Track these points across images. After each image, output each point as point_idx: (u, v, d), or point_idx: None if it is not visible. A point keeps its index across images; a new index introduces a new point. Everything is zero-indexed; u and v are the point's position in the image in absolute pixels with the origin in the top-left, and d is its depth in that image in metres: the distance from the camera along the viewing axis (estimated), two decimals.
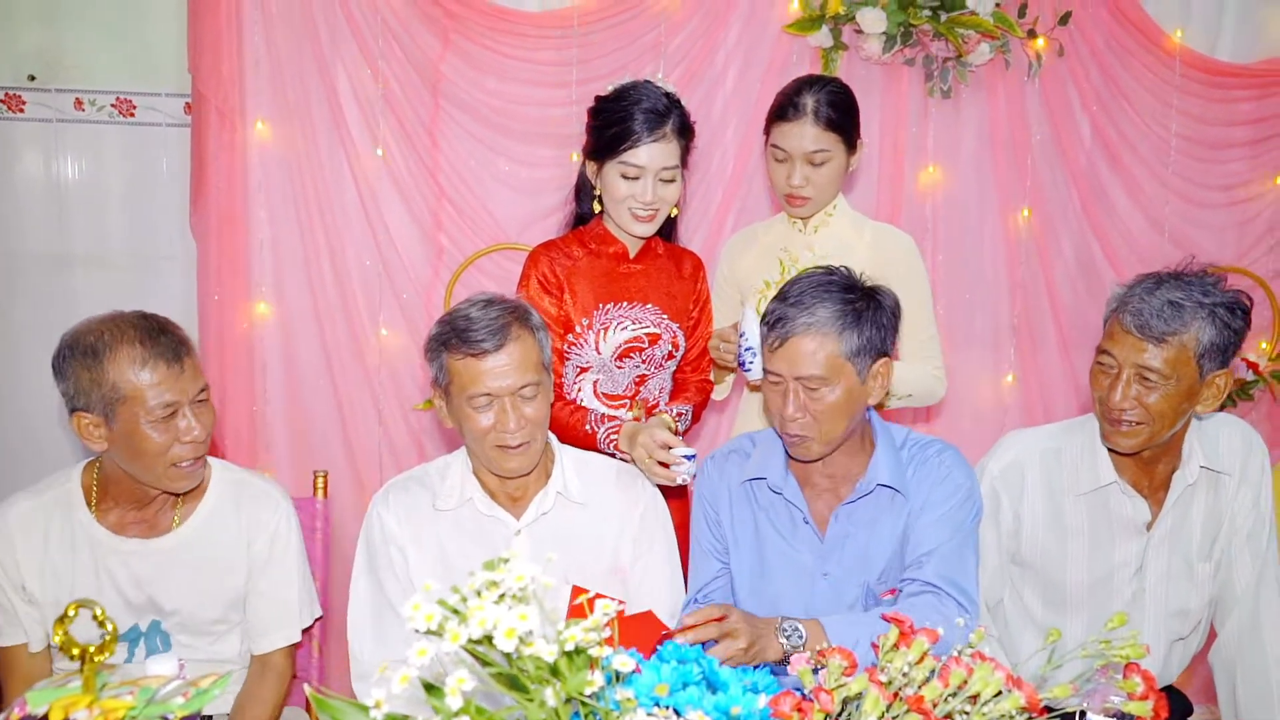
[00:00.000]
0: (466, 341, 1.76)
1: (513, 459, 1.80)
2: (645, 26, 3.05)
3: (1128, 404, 1.75)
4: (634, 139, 2.15)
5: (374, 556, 1.87)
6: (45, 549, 1.78)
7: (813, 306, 1.74)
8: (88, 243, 3.18)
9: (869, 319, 1.75)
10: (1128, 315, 1.74)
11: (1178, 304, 1.71)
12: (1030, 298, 3.30)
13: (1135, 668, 1.23)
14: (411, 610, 0.90)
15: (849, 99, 2.31)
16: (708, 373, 2.45)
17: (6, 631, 1.80)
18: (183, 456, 1.72)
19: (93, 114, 3.12)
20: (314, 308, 3.04)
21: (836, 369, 1.73)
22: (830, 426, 1.76)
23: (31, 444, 3.18)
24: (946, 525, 1.81)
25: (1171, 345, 1.71)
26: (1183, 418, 1.79)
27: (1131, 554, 1.91)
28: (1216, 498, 1.91)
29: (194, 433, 1.72)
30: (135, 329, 1.69)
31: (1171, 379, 1.72)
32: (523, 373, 1.77)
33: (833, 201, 2.37)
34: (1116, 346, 1.77)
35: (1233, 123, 3.28)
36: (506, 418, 1.76)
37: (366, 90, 2.98)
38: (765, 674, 1.10)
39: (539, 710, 0.92)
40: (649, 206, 2.20)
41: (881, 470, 1.82)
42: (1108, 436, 1.83)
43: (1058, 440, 1.96)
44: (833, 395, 1.74)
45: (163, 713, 1.06)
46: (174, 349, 1.70)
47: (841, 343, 1.73)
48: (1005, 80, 3.15)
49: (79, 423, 1.70)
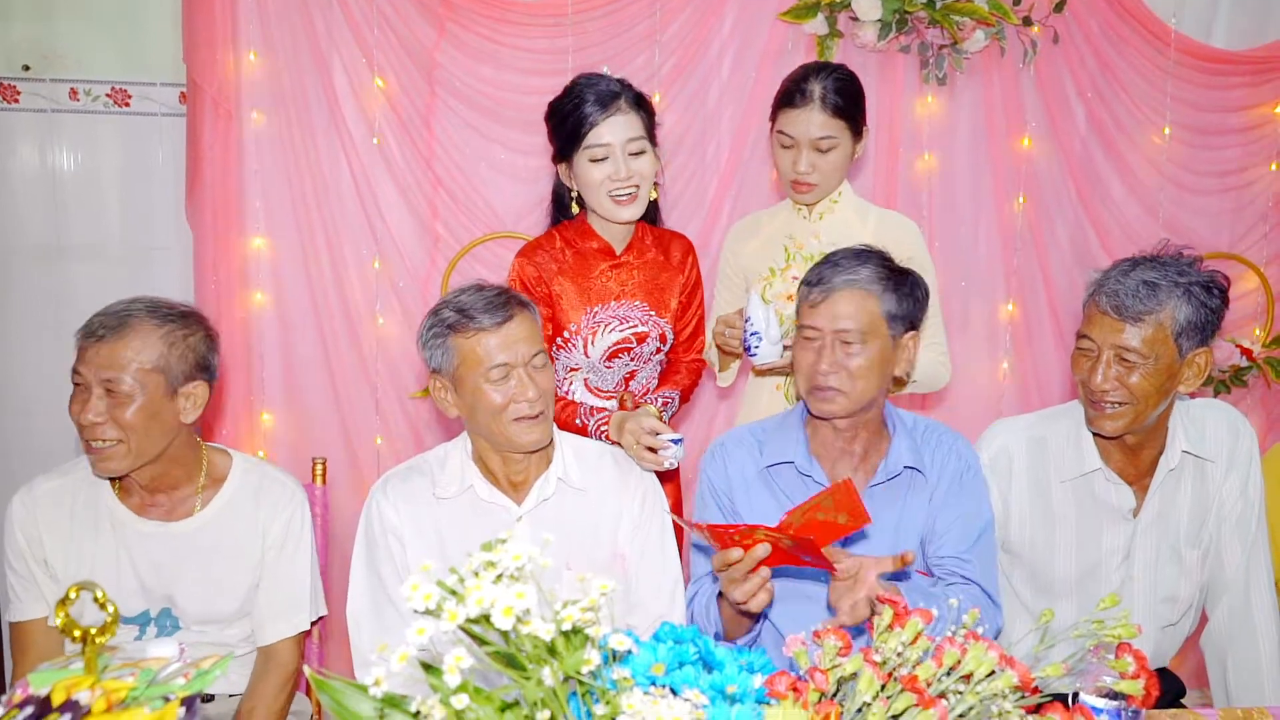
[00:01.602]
0: (473, 319, 1.79)
1: (532, 430, 1.81)
2: (640, 14, 3.04)
3: (1109, 385, 1.77)
4: (590, 121, 2.18)
5: (373, 548, 1.87)
6: (70, 527, 1.83)
7: (855, 267, 1.81)
8: (83, 233, 3.17)
9: (905, 288, 1.83)
10: (1104, 297, 1.77)
11: (1153, 284, 1.73)
12: (1025, 285, 3.30)
13: (1127, 647, 1.24)
14: (410, 590, 0.91)
15: (856, 86, 2.32)
16: (699, 352, 2.46)
17: (26, 605, 1.84)
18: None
19: (88, 104, 3.12)
20: (310, 297, 3.04)
21: (874, 327, 1.80)
22: (863, 385, 1.80)
23: (28, 433, 3.19)
24: (976, 523, 1.86)
25: (1148, 324, 1.73)
26: (1166, 398, 1.80)
27: (1119, 542, 1.92)
28: (1203, 484, 1.91)
29: (86, 417, 1.74)
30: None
31: (1150, 358, 1.74)
32: (531, 343, 1.82)
33: (838, 188, 2.38)
34: (1094, 329, 1.79)
35: (1227, 109, 3.28)
36: (525, 386, 1.79)
37: (362, 79, 2.98)
38: (760, 654, 1.11)
39: (536, 689, 0.93)
40: (626, 184, 2.20)
41: (905, 453, 1.86)
42: (1093, 421, 1.84)
43: (1043, 427, 1.97)
44: (867, 353, 1.79)
45: (164, 693, 1.07)
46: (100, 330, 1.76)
47: (882, 302, 1.80)
48: (1000, 68, 3.15)
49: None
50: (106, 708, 1.04)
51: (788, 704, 1.08)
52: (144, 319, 1.78)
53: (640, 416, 2.05)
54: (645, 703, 0.96)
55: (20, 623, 1.85)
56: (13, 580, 1.85)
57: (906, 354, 1.86)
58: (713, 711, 1.00)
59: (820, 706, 1.09)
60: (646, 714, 0.95)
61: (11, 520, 1.83)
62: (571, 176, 2.26)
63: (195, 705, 1.12)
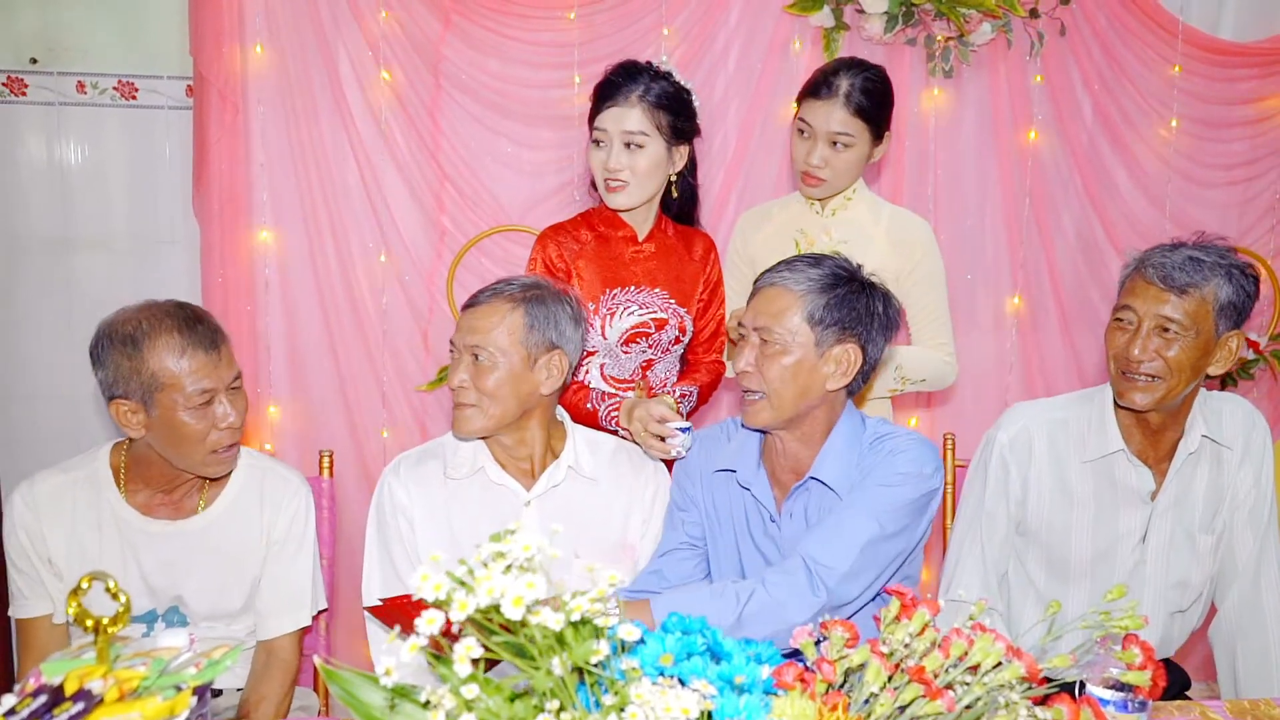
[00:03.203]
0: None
1: (458, 419, 1.86)
2: (646, 7, 3.04)
3: (1147, 356, 1.79)
4: (597, 105, 2.21)
5: (383, 528, 1.89)
6: (73, 525, 1.82)
7: (796, 267, 1.78)
8: (91, 226, 3.18)
9: (847, 297, 1.75)
10: (1150, 269, 1.80)
11: (1198, 260, 1.78)
12: (1032, 277, 3.30)
13: (1134, 639, 1.24)
14: (420, 581, 0.91)
15: (884, 89, 2.31)
16: (720, 353, 2.46)
17: (31, 602, 1.83)
18: (220, 442, 1.77)
19: (95, 97, 3.12)
20: (317, 290, 3.05)
21: (791, 329, 1.74)
22: (779, 388, 1.75)
23: (35, 426, 3.20)
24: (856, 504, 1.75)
25: (1192, 297, 1.77)
26: (1197, 377, 1.82)
27: (1135, 524, 1.92)
28: (1219, 471, 1.93)
29: (230, 419, 1.76)
30: (172, 317, 1.73)
31: (1191, 330, 1.77)
32: (486, 334, 1.83)
33: (851, 186, 2.38)
34: (1138, 300, 1.81)
35: (1234, 101, 3.27)
36: (458, 370, 1.85)
37: (368, 72, 2.99)
38: (768, 645, 1.12)
39: (546, 679, 0.94)
40: (614, 174, 2.20)
41: (824, 466, 1.79)
42: (1123, 394, 1.85)
43: (1066, 410, 1.99)
44: (784, 356, 1.74)
45: (175, 683, 1.08)
46: (210, 337, 1.75)
47: (804, 303, 1.74)
48: (1007, 60, 3.14)
49: (117, 409, 1.73)
50: (119, 697, 1.05)
51: (795, 694, 1.08)
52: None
53: (651, 404, 2.06)
54: (654, 693, 0.96)
55: (25, 620, 1.84)
56: (15, 577, 1.83)
57: (838, 368, 1.76)
58: (721, 702, 1.00)
59: (828, 698, 1.10)
60: (655, 704, 0.95)
61: (12, 517, 1.82)
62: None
63: (206, 695, 1.12)
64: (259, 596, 1.92)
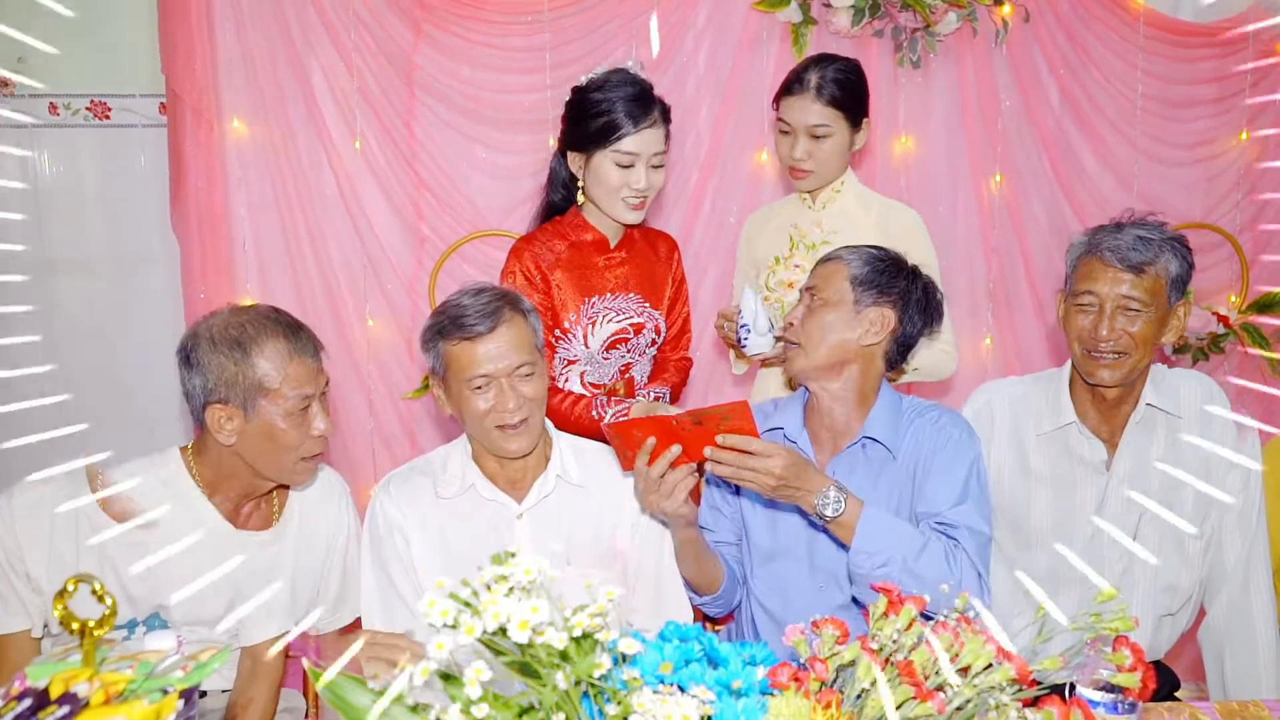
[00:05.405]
0: (461, 327, 1.81)
1: (513, 439, 1.84)
2: (615, 10, 3.06)
3: (1115, 335, 1.86)
4: (625, 127, 2.20)
5: (378, 546, 1.91)
6: (50, 538, 1.77)
7: (856, 248, 1.96)
8: (68, 247, 3.18)
9: (888, 269, 1.92)
10: (1106, 252, 1.87)
11: (1146, 239, 1.86)
12: (1005, 261, 3.35)
13: (1124, 640, 1.25)
14: (427, 607, 0.95)
15: (855, 78, 2.37)
16: (686, 349, 2.51)
17: (5, 618, 1.78)
18: (310, 450, 1.78)
19: (68, 118, 3.12)
20: (299, 301, 3.06)
21: (837, 288, 1.90)
22: (815, 338, 1.89)
23: (15, 450, 3.17)
24: (957, 488, 1.87)
25: (1149, 275, 1.85)
26: (1154, 346, 1.90)
27: (1091, 494, 1.98)
28: (1173, 441, 1.96)
29: (321, 428, 1.78)
30: (276, 323, 1.75)
31: (1151, 306, 1.86)
32: (518, 353, 1.83)
33: (840, 178, 2.43)
34: (1097, 283, 1.88)
35: (1196, 81, 3.33)
36: (505, 397, 1.81)
37: (341, 83, 3.00)
38: (762, 647, 1.15)
39: (552, 694, 0.98)
40: (641, 194, 2.25)
41: (874, 425, 1.91)
42: (1091, 373, 1.91)
43: (1027, 386, 2.08)
44: (825, 311, 1.89)
45: (162, 686, 1.07)
46: (312, 344, 1.78)
47: (851, 268, 1.91)
48: (973, 48, 3.19)
49: (213, 415, 1.72)
50: (104, 700, 1.04)
51: (790, 694, 1.12)
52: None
53: (658, 408, 2.12)
54: (655, 701, 1.00)
55: (1, 635, 1.79)
56: None
57: (870, 328, 1.90)
58: (720, 706, 1.04)
59: (821, 695, 1.14)
60: (657, 712, 0.99)
61: None
62: (585, 168, 2.28)
63: (193, 698, 1.12)
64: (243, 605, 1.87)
